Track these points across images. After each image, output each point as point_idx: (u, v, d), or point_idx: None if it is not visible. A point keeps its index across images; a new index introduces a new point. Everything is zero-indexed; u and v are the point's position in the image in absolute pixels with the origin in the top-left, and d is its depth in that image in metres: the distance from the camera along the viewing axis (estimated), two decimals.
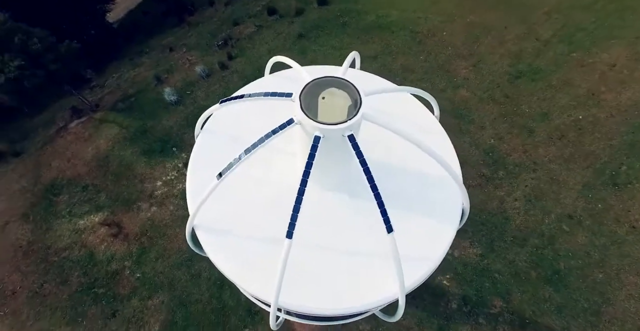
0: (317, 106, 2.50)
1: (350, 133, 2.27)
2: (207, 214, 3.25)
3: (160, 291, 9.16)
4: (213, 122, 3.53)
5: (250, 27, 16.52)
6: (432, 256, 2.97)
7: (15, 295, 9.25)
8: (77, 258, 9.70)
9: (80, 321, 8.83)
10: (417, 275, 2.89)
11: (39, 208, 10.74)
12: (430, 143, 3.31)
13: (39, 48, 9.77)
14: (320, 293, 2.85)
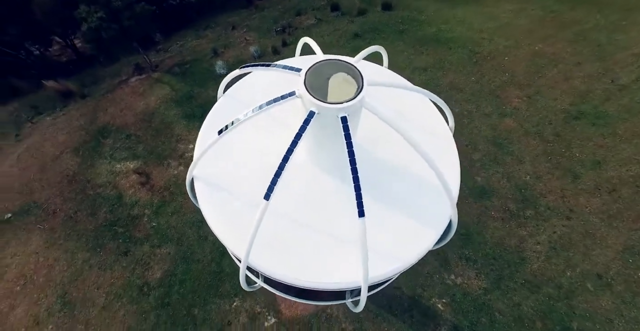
0: (327, 88, 2.58)
1: (344, 115, 2.31)
2: (208, 170, 3.50)
3: (169, 243, 9.83)
4: (236, 89, 3.77)
5: (310, 19, 16.74)
6: (404, 257, 2.96)
7: (55, 215, 10.45)
8: (108, 197, 10.69)
9: (98, 252, 9.77)
10: (384, 269, 2.91)
11: (88, 146, 11.95)
12: (433, 148, 3.30)
13: (119, 5, 10.75)
14: (291, 263, 2.97)
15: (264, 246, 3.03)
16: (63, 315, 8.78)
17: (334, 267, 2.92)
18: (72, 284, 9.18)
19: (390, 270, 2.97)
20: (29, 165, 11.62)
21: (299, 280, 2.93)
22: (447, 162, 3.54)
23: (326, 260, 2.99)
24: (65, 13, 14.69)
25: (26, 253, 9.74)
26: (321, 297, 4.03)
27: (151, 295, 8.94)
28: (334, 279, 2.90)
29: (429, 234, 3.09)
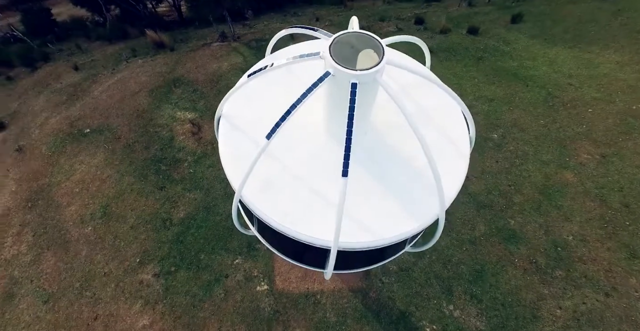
0: (355, 61, 2.73)
1: (355, 81, 2.50)
2: (236, 112, 3.88)
3: (199, 191, 10.70)
4: (281, 51, 4.10)
5: (391, 26, 16.68)
6: (379, 233, 3.03)
7: (118, 140, 11.96)
8: (162, 137, 11.92)
9: (141, 180, 10.99)
10: (356, 238, 3.03)
11: (161, 90, 13.39)
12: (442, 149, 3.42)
13: None
14: (280, 208, 3.23)
15: (263, 189, 3.30)
16: (101, 222, 10.09)
17: (317, 225, 3.08)
18: (114, 200, 10.49)
19: (362, 241, 3.07)
20: (113, 94, 13.38)
21: (281, 226, 3.13)
22: (454, 166, 3.49)
23: (313, 216, 3.16)
24: None
25: (90, 164, 11.32)
26: (303, 259, 4.17)
27: (170, 229, 9.85)
28: (313, 233, 3.06)
29: (409, 224, 3.14)
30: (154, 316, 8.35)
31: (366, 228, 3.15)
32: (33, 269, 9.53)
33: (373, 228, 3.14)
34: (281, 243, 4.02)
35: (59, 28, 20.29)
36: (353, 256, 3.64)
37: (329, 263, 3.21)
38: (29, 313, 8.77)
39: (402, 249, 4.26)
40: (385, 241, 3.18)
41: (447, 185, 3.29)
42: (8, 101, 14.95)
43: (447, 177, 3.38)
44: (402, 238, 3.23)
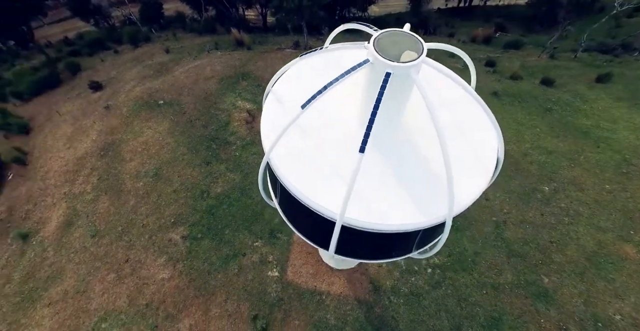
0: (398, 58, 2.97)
1: (389, 71, 2.78)
2: (282, 88, 4.27)
3: (239, 173, 11.56)
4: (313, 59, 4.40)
5: (458, 63, 16.75)
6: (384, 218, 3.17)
7: (183, 115, 13.44)
8: (220, 119, 13.16)
9: (193, 153, 12.16)
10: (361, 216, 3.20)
11: (230, 80, 14.86)
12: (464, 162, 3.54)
13: None
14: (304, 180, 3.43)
15: (290, 158, 3.58)
16: (151, 181, 11.33)
17: (330, 197, 3.26)
18: (166, 164, 11.73)
19: (366, 220, 3.19)
20: (190, 76, 15.14)
21: (298, 191, 3.37)
22: (473, 178, 3.50)
23: (328, 189, 3.32)
24: None
25: (156, 131, 12.84)
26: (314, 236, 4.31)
27: (206, 201, 10.73)
28: (325, 204, 3.24)
29: (416, 217, 3.20)
30: (173, 272, 9.07)
31: (374, 210, 3.22)
32: (91, 207, 10.95)
33: (381, 212, 3.21)
34: (297, 214, 4.17)
35: (164, 19, 23.87)
36: (358, 239, 3.67)
37: (333, 237, 3.33)
38: (79, 242, 10.05)
39: (409, 249, 4.17)
40: (389, 227, 3.19)
41: (462, 194, 3.32)
42: (110, 69, 17.63)
43: (463, 186, 3.35)
44: (406, 229, 3.22)
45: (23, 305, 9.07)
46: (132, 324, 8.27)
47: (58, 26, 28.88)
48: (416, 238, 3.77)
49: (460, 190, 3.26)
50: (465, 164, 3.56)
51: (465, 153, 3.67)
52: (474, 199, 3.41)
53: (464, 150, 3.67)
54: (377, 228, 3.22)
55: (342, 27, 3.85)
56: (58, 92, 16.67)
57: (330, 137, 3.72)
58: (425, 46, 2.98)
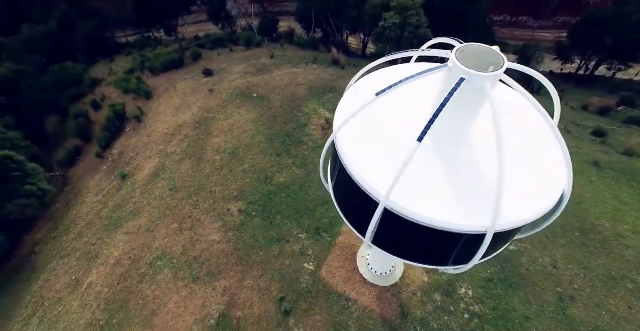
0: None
1: (462, 78, 3.11)
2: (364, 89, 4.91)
3: (303, 170, 12.77)
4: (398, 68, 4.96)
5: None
6: (426, 210, 3.35)
7: (270, 110, 15.53)
8: (300, 121, 14.84)
9: (268, 143, 13.89)
10: (403, 207, 3.43)
11: (318, 90, 16.75)
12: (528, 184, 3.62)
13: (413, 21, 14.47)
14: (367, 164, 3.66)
15: (358, 144, 3.89)
16: (227, 157, 13.25)
17: (381, 179, 3.50)
18: (243, 147, 13.61)
19: (408, 207, 3.38)
20: (284, 80, 17.53)
21: (353, 171, 3.66)
22: (528, 200, 3.46)
23: (383, 173, 3.55)
24: (377, 15, 20.72)
25: (243, 116, 15.09)
26: (356, 221, 4.59)
27: (268, 186, 12.07)
28: (373, 184, 3.51)
29: (459, 219, 3.30)
30: (223, 238, 10.34)
31: (420, 202, 3.39)
32: (175, 165, 13.25)
33: (425, 205, 3.36)
34: (347, 196, 4.44)
35: (276, 33, 28.35)
36: (396, 230, 3.82)
37: (374, 219, 3.55)
38: (159, 192, 12.22)
39: (446, 258, 4.00)
40: (429, 220, 3.28)
41: (509, 213, 3.27)
42: (223, 62, 21.44)
43: (513, 207, 3.32)
44: (445, 227, 3.30)
45: (109, 228, 11.27)
46: (179, 269, 9.60)
47: (194, 26, 36.26)
48: (454, 246, 3.68)
49: (508, 209, 3.22)
50: (522, 189, 3.54)
51: (526, 179, 3.63)
52: (519, 222, 3.36)
53: (525, 176, 3.66)
54: (417, 219, 3.34)
55: (434, 40, 4.25)
56: (179, 73, 20.84)
57: (396, 131, 4.02)
58: (506, 63, 3.16)
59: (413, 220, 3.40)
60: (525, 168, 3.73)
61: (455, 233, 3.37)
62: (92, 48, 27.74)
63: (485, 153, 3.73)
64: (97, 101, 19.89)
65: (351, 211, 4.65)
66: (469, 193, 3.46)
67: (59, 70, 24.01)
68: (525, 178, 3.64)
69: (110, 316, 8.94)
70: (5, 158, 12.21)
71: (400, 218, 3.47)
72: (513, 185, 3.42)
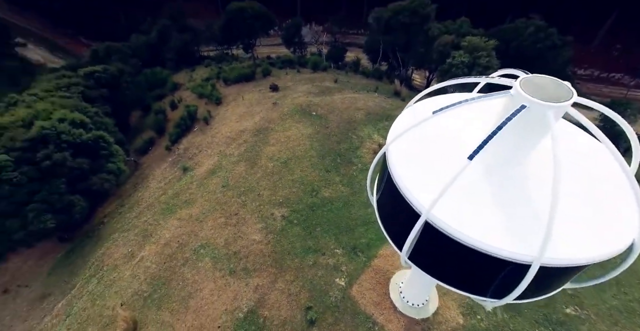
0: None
1: (523, 105, 3.21)
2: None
3: (349, 188, 13.36)
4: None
5: None
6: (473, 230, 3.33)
7: (326, 128, 16.68)
8: (353, 143, 15.67)
9: (320, 159, 14.84)
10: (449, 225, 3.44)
11: (374, 116, 17.66)
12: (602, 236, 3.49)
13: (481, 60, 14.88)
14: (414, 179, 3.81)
15: (410, 158, 4.06)
16: (279, 165, 14.41)
17: (427, 196, 3.52)
18: (296, 158, 14.71)
19: (449, 223, 3.41)
20: (344, 103, 18.80)
21: (403, 186, 3.77)
22: (583, 244, 3.35)
23: (429, 188, 3.62)
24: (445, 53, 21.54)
25: (300, 131, 16.40)
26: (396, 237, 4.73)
27: (312, 198, 12.82)
28: (420, 199, 3.59)
29: (504, 243, 3.24)
30: (263, 239, 11.14)
31: (463, 219, 3.40)
32: (230, 166, 14.78)
33: (469, 224, 3.36)
34: (390, 208, 4.59)
35: (343, 61, 30.82)
36: (435, 247, 3.83)
37: (414, 229, 3.62)
38: (213, 187, 13.70)
39: (485, 286, 3.88)
40: (470, 240, 3.26)
41: (562, 247, 3.20)
42: (289, 80, 23.73)
43: (568, 243, 3.26)
44: (486, 249, 3.23)
45: (165, 212, 12.86)
46: (218, 260, 10.52)
47: (267, 48, 40.76)
48: (496, 274, 3.57)
49: (561, 244, 3.17)
50: (580, 227, 3.43)
51: (587, 220, 3.52)
52: (572, 260, 3.21)
53: (586, 216, 3.57)
54: (458, 237, 3.30)
55: (502, 71, 4.37)
56: (248, 85, 23.49)
57: (448, 149, 4.17)
58: (575, 97, 3.16)
59: (454, 237, 3.37)
60: (587, 208, 3.62)
61: (497, 259, 3.26)
62: (179, 58, 32.66)
63: (542, 184, 3.67)
64: (174, 102, 23.14)
65: (392, 224, 4.73)
66: (518, 220, 3.40)
67: (150, 73, 28.60)
68: (585, 218, 3.52)
69: (153, 290, 10.02)
70: (100, 138, 14.82)
71: (441, 235, 3.46)
72: (570, 221, 3.35)
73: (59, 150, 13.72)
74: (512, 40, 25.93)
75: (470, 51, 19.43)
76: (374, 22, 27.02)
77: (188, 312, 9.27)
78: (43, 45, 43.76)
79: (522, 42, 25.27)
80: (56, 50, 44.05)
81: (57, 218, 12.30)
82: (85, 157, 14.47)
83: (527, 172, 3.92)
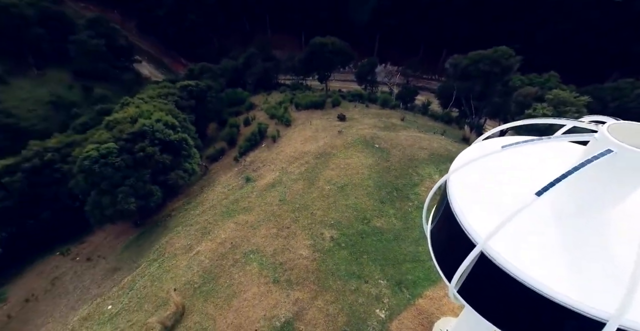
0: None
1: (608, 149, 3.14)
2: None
3: (401, 222, 13.55)
4: None
5: None
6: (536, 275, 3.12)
7: (386, 162, 17.36)
8: (412, 179, 16.00)
9: (377, 189, 15.39)
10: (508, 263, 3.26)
11: (439, 158, 17.89)
12: None
13: None
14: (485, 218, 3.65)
15: (473, 192, 4.05)
16: (335, 189, 15.27)
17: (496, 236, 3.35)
18: (352, 186, 15.46)
19: (506, 258, 3.28)
20: (408, 140, 19.45)
21: (463, 218, 3.71)
22: None
23: (490, 221, 3.51)
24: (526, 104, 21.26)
25: (361, 161, 17.30)
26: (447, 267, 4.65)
27: (363, 226, 13.26)
28: (480, 231, 3.49)
29: (571, 292, 3.04)
30: (310, 255, 11.77)
31: (523, 258, 3.29)
32: (290, 183, 16.10)
33: (529, 263, 3.23)
34: (444, 236, 4.61)
35: (412, 102, 32.15)
36: (487, 282, 3.70)
37: (466, 260, 3.52)
38: (271, 199, 15.06)
39: None
40: (530, 281, 3.10)
41: None
42: (356, 113, 25.42)
43: None
44: (549, 294, 3.04)
45: (224, 214, 14.43)
46: (265, 267, 11.35)
47: (340, 82, 44.21)
48: (559, 327, 3.30)
49: None
50: None
51: None
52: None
53: None
54: (515, 273, 3.16)
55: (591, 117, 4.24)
56: (317, 112, 25.68)
57: (514, 184, 4.05)
58: None
59: (510, 273, 3.20)
60: None
61: (561, 307, 2.98)
62: (259, 82, 37.20)
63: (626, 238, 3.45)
64: (248, 119, 26.21)
65: (445, 254, 4.64)
66: (592, 273, 3.15)
67: (232, 92, 33.02)
68: None
69: (203, 282, 11.13)
70: (184, 139, 17.55)
71: (498, 271, 3.29)
72: None
73: (151, 145, 16.57)
74: (612, 100, 24.52)
75: (556, 105, 18.87)
76: (451, 68, 28.02)
77: (230, 310, 10.06)
78: (152, 63, 53.69)
79: (626, 103, 23.74)
80: (161, 68, 53.46)
81: (138, 202, 14.59)
82: (169, 153, 17.16)
83: (608, 222, 3.66)
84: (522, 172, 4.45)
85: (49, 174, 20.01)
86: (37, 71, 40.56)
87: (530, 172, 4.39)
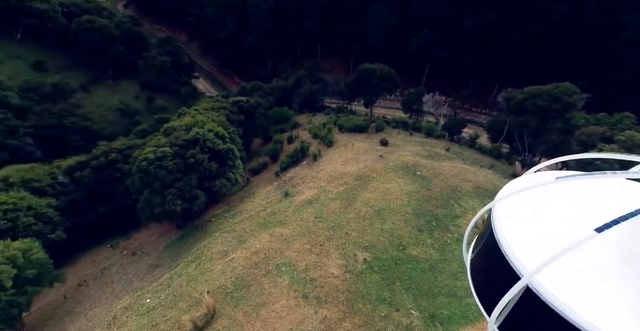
0: None
1: None
2: None
3: (438, 253, 13.23)
4: None
5: None
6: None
7: (427, 190, 17.24)
8: (454, 210, 15.66)
9: (415, 216, 15.28)
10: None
11: (484, 192, 17.39)
12: None
13: None
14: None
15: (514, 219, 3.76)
16: (372, 212, 15.40)
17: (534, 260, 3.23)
18: (389, 210, 15.49)
19: (552, 293, 3.09)
20: (452, 170, 19.20)
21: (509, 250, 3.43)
22: None
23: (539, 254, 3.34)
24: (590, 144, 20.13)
25: (400, 187, 17.33)
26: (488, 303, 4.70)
27: (398, 252, 13.16)
28: (526, 263, 3.27)
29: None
30: (341, 275, 11.90)
31: (567, 294, 3.01)
32: (327, 201, 16.57)
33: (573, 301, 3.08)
34: (485, 267, 4.57)
35: (459, 134, 31.98)
36: (530, 317, 3.73)
37: (506, 295, 3.25)
38: (307, 215, 15.60)
39: None
40: (571, 315, 2.78)
41: None
42: (399, 140, 25.71)
43: None
44: None
45: (260, 226, 15.19)
46: (295, 282, 11.66)
47: (384, 109, 45.02)
48: None
49: None
50: None
51: None
52: None
53: None
54: (559, 307, 2.97)
55: (624, 156, 4.01)
56: (360, 136, 26.35)
57: (569, 218, 3.83)
58: None
59: (551, 305, 3.07)
60: None
61: None
62: (305, 103, 39.13)
63: None
64: (292, 137, 27.55)
65: (486, 287, 4.24)
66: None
67: (279, 110, 35.08)
68: None
69: (235, 288, 11.68)
70: (230, 150, 19.00)
71: (544, 308, 3.14)
72: None
73: (201, 152, 18.15)
74: None
75: (629, 147, 17.32)
76: (504, 101, 27.40)
77: (258, 319, 10.41)
78: (208, 80, 59.23)
79: None
80: (216, 84, 58.60)
81: (183, 204, 15.89)
82: (216, 162, 18.61)
83: None
84: (577, 206, 4.30)
85: (110, 173, 22.56)
86: (113, 82, 46.63)
87: (587, 207, 4.25)
